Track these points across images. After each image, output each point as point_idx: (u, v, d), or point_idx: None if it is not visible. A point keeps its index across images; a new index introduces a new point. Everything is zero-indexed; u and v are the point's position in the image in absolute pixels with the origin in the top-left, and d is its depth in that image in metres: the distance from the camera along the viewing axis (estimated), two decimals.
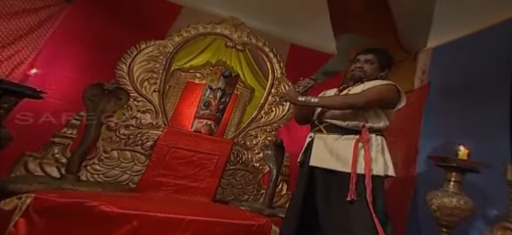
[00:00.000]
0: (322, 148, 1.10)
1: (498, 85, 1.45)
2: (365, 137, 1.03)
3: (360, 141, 1.03)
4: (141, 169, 1.80)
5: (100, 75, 1.85)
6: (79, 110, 1.72)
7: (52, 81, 1.85)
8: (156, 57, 2.09)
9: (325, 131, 1.12)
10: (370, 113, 1.09)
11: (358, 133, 1.06)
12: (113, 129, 1.81)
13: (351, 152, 1.02)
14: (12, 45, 1.89)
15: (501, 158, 1.28)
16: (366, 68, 1.18)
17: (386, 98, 1.09)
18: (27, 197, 1.13)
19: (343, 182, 1.01)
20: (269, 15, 2.51)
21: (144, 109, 1.96)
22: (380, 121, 1.09)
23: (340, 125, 1.10)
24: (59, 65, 1.92)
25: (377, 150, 1.04)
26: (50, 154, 1.58)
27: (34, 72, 1.66)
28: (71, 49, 1.99)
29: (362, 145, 1.03)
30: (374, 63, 1.18)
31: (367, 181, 0.97)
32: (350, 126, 1.08)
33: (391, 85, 1.11)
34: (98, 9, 2.18)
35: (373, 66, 1.18)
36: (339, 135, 1.09)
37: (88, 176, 1.65)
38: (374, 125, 1.07)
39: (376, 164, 1.01)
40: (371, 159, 1.00)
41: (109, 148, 1.77)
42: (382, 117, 1.09)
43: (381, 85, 1.11)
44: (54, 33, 2.03)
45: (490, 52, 1.59)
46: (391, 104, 1.11)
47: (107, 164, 1.74)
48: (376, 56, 1.19)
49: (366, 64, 1.18)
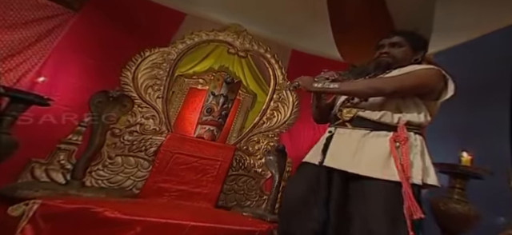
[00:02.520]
0: (344, 145, 0.88)
1: (500, 90, 1.45)
2: (402, 134, 0.81)
3: (396, 139, 0.82)
4: (144, 175, 1.82)
5: (105, 82, 1.89)
6: (85, 117, 1.75)
7: (59, 88, 1.89)
8: (160, 64, 2.13)
9: (349, 125, 0.90)
10: (408, 103, 0.86)
11: (391, 129, 0.85)
12: (117, 135, 1.84)
13: (381, 153, 0.81)
14: (21, 53, 1.94)
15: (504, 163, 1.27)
16: (395, 52, 0.95)
17: (426, 85, 0.85)
18: (34, 204, 1.15)
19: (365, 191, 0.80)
20: (270, 22, 2.55)
21: (148, 115, 1.99)
22: (420, 115, 0.86)
23: (370, 118, 0.87)
24: (66, 73, 1.97)
25: (415, 152, 0.82)
26: (56, 160, 1.61)
27: (41, 80, 1.70)
28: (77, 57, 2.04)
29: (398, 144, 0.81)
30: (403, 45, 0.95)
31: (406, 191, 0.74)
32: (383, 120, 0.86)
33: (433, 70, 0.88)
34: (103, 18, 2.23)
35: (402, 49, 0.95)
36: (368, 130, 0.86)
37: (92, 182, 1.67)
38: (414, 120, 0.85)
39: (413, 169, 0.80)
40: (410, 163, 0.79)
41: (113, 154, 1.79)
42: (422, 109, 0.87)
43: (420, 69, 0.89)
44: (61, 41, 2.09)
45: (492, 57, 1.60)
46: (434, 93, 0.87)
47: (111, 169, 1.76)
48: (403, 37, 0.96)
49: (393, 48, 0.96)
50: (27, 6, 2.00)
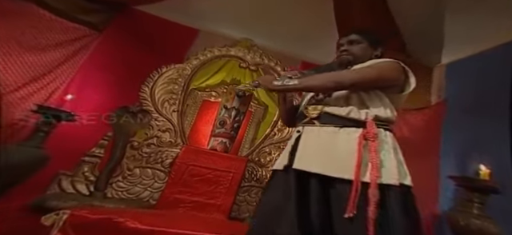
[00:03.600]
0: (314, 145, 0.83)
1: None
2: (371, 130, 0.77)
3: (365, 136, 0.77)
4: (160, 186, 1.89)
5: (126, 98, 2.02)
6: (107, 131, 1.87)
7: (84, 104, 2.04)
8: (175, 79, 2.25)
9: (317, 122, 0.86)
10: (373, 97, 0.84)
11: (360, 125, 0.80)
12: (136, 148, 1.94)
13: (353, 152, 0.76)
14: (51, 73, 2.12)
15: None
16: (354, 49, 0.95)
17: (387, 77, 0.84)
18: (64, 214, 1.24)
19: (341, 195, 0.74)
20: (280, 34, 2.63)
21: (164, 128, 2.08)
22: (387, 110, 0.83)
23: (337, 114, 0.84)
24: (90, 90, 2.12)
25: (386, 149, 0.77)
26: (81, 172, 1.72)
27: (69, 97, 1.85)
28: (101, 75, 2.20)
29: (367, 142, 0.76)
30: (361, 42, 0.96)
31: (372, 191, 0.70)
32: (352, 115, 0.82)
33: (393, 62, 0.87)
34: (125, 37, 2.40)
35: (361, 46, 0.96)
36: (337, 127, 0.82)
37: (113, 193, 1.76)
38: (381, 115, 0.82)
39: (386, 169, 0.74)
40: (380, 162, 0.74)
41: (132, 165, 1.89)
42: (386, 103, 0.84)
43: (380, 62, 0.88)
44: (86, 60, 2.27)
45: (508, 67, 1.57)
46: (395, 86, 0.86)
47: (130, 181, 1.85)
48: (360, 34, 0.97)
49: (352, 45, 0.96)
50: (58, 30, 2.19)
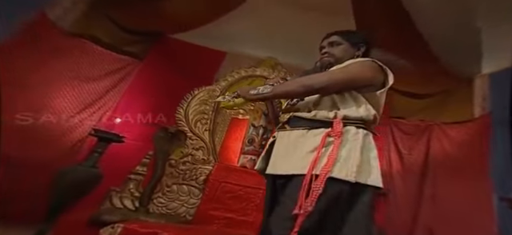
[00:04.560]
0: (282, 149, 0.85)
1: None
2: (336, 128, 0.77)
3: (330, 134, 0.77)
4: (195, 202, 2.00)
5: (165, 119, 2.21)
6: (149, 150, 2.06)
7: (128, 125, 2.27)
8: (206, 100, 2.41)
9: (288, 126, 0.88)
10: (346, 98, 0.83)
11: (328, 125, 0.80)
12: (173, 166, 2.09)
13: (310, 149, 0.77)
14: (101, 99, 2.42)
15: None
16: (334, 51, 0.95)
17: (359, 77, 0.83)
18: (118, 227, 1.39)
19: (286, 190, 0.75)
20: (302, 51, 2.71)
21: (197, 147, 2.23)
22: (359, 109, 0.82)
23: (305, 117, 0.85)
24: (134, 112, 2.36)
25: (352, 147, 0.76)
26: (127, 189, 1.90)
27: (118, 121, 2.08)
28: (142, 99, 2.45)
29: (331, 139, 0.76)
30: (341, 43, 0.96)
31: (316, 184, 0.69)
32: (319, 117, 0.83)
33: (367, 62, 0.87)
34: (161, 64, 2.67)
35: (341, 47, 0.95)
36: (305, 129, 0.83)
37: (154, 208, 1.90)
38: (351, 114, 0.81)
39: (346, 164, 0.73)
40: (338, 158, 0.73)
41: (170, 182, 2.03)
42: (361, 102, 0.83)
43: (353, 62, 0.88)
44: (129, 86, 2.55)
45: None
46: (371, 84, 0.84)
47: (169, 197, 1.99)
48: (340, 36, 0.97)
49: (332, 47, 0.96)
50: (107, 61, 2.51)
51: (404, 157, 1.98)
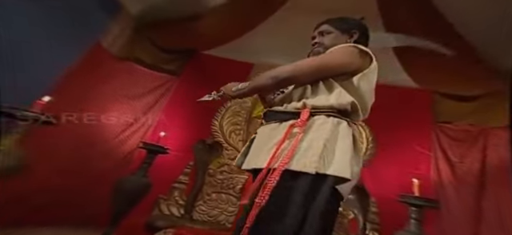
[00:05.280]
0: (257, 143, 0.85)
1: None
2: (302, 118, 0.75)
3: (295, 125, 0.75)
4: (233, 210, 2.10)
5: (203, 131, 2.37)
6: (189, 161, 2.22)
7: (170, 137, 2.48)
8: (239, 112, 2.53)
9: (264, 121, 0.89)
10: (318, 87, 0.80)
11: (297, 116, 0.78)
12: (212, 175, 2.23)
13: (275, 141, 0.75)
14: (145, 114, 2.68)
15: None
16: (324, 40, 0.93)
17: (331, 63, 0.80)
18: (169, 233, 1.53)
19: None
20: None
21: (233, 157, 2.34)
22: (330, 97, 0.78)
23: (277, 110, 0.84)
24: (174, 125, 2.57)
25: (316, 137, 0.72)
26: (172, 197, 2.07)
27: (163, 135, 2.29)
28: (181, 112, 2.65)
29: (297, 130, 0.74)
30: (332, 32, 0.94)
31: (272, 176, 0.67)
32: (289, 108, 0.81)
33: (345, 47, 0.84)
34: (196, 78, 2.85)
35: (331, 36, 0.93)
36: (277, 122, 0.82)
37: (197, 216, 2.05)
38: (319, 104, 0.78)
39: (305, 155, 0.70)
40: (299, 148, 0.70)
41: (210, 191, 2.17)
42: (334, 89, 0.79)
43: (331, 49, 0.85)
44: (168, 101, 2.78)
45: None
46: (347, 71, 0.80)
47: (209, 205, 2.12)
48: (330, 24, 0.95)
49: (323, 36, 0.94)
50: (150, 79, 2.78)
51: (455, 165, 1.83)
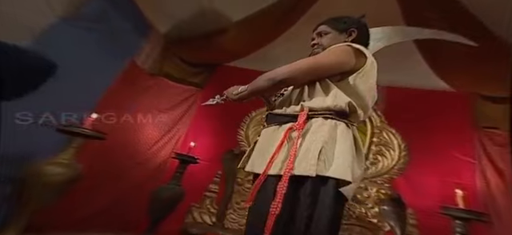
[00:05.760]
0: (259, 146, 0.86)
1: None
2: (299, 121, 0.75)
3: (293, 128, 0.75)
4: None
5: (229, 141, 2.44)
6: (218, 169, 2.30)
7: (199, 147, 2.59)
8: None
9: (266, 124, 0.90)
10: (315, 89, 0.80)
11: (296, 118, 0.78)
12: (240, 184, 2.28)
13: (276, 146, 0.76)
14: (175, 126, 2.84)
15: None
16: (322, 41, 0.94)
17: (326, 64, 0.80)
18: None
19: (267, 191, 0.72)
20: None
21: None
22: (326, 98, 0.78)
23: (277, 113, 0.86)
24: (202, 136, 2.68)
25: (314, 139, 0.72)
26: (204, 205, 2.15)
27: (193, 145, 2.40)
28: (208, 123, 2.76)
29: (296, 133, 0.74)
30: (329, 32, 0.94)
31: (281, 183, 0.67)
32: (288, 111, 0.82)
33: (340, 46, 0.84)
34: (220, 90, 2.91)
35: (329, 36, 0.94)
36: (277, 125, 0.82)
37: (228, 224, 2.09)
38: (316, 105, 0.78)
39: (305, 158, 0.70)
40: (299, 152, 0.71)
41: (239, 199, 2.21)
42: (330, 90, 0.78)
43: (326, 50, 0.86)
44: (195, 113, 2.92)
45: None
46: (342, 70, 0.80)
47: (239, 214, 2.16)
48: (327, 25, 0.96)
49: (321, 37, 0.95)
50: (178, 93, 2.95)
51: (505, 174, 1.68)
